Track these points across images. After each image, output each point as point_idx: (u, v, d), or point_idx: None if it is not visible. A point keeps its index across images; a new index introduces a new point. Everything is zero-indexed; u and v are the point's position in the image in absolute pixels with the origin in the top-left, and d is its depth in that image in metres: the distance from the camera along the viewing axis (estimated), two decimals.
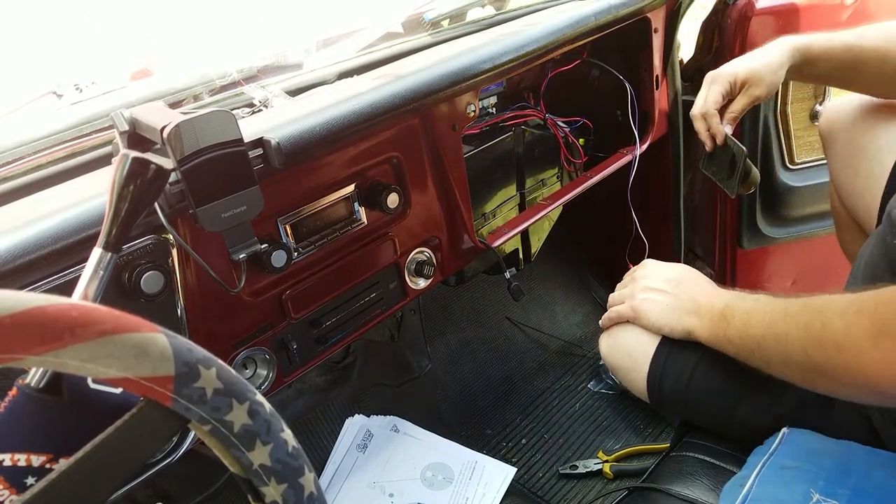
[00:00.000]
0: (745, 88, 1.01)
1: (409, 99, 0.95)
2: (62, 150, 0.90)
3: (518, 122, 1.29)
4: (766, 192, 1.53)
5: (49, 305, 0.35)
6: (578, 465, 1.36)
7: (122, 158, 0.56)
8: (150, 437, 0.40)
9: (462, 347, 1.64)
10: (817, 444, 0.76)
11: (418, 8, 1.34)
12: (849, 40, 0.97)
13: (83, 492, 0.38)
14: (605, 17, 1.22)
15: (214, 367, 0.40)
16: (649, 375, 0.89)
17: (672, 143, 1.52)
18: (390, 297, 1.06)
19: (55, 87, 1.05)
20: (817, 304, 0.66)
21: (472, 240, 1.14)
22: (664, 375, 0.87)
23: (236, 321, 0.87)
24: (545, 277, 1.81)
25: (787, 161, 1.51)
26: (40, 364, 0.35)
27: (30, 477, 0.48)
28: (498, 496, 1.29)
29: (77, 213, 0.68)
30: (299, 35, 1.23)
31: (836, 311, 0.63)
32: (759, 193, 1.53)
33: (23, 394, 0.49)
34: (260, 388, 0.90)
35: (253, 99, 1.04)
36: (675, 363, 0.87)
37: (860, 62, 0.96)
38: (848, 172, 1.00)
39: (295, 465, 0.44)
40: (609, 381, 1.56)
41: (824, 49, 0.98)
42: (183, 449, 0.80)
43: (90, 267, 0.58)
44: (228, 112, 0.71)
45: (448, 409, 1.53)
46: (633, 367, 0.91)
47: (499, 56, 1.06)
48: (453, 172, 1.07)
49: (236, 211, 0.74)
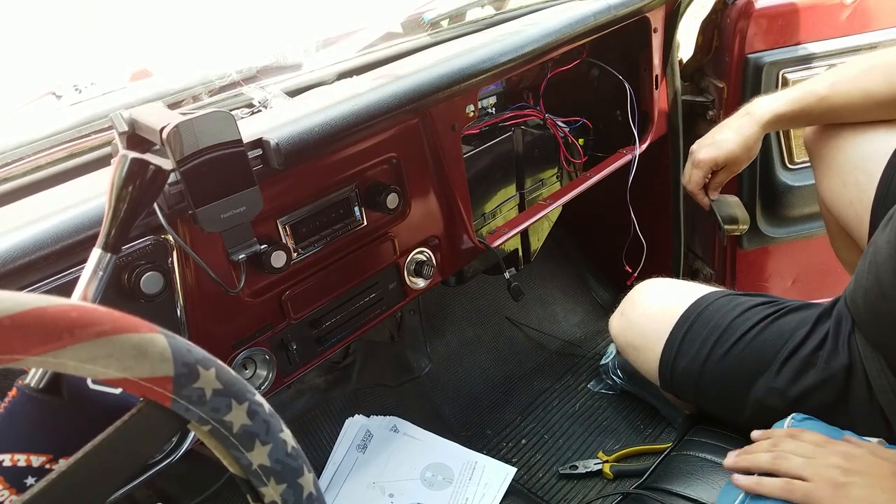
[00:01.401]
0: (726, 167, 1.09)
1: (409, 99, 0.95)
2: (61, 150, 0.90)
3: (517, 123, 1.29)
4: (765, 193, 1.53)
5: (48, 306, 0.35)
6: (578, 466, 1.36)
7: (121, 159, 0.57)
8: (149, 438, 0.40)
9: (462, 348, 1.64)
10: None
11: (418, 8, 1.34)
12: (820, 90, 0.98)
13: (82, 492, 0.38)
14: (604, 16, 1.22)
15: (213, 368, 0.40)
16: (663, 354, 0.91)
17: (671, 143, 1.52)
18: (390, 297, 1.06)
19: (54, 88, 1.05)
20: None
21: (471, 240, 1.14)
22: (680, 354, 0.89)
23: (236, 322, 0.87)
24: (545, 277, 1.81)
25: (787, 161, 1.51)
26: (39, 364, 0.35)
27: (30, 477, 0.48)
28: (498, 496, 1.29)
29: (76, 214, 0.68)
30: (299, 35, 1.23)
31: None
32: (759, 193, 1.53)
33: (23, 394, 0.50)
34: (260, 389, 0.90)
35: (252, 99, 1.04)
36: (691, 344, 0.89)
37: (835, 111, 0.99)
38: (835, 182, 1.02)
39: (294, 466, 0.44)
40: (609, 381, 1.56)
41: (797, 110, 1.02)
42: (183, 449, 0.80)
43: (89, 267, 0.58)
44: (227, 113, 0.72)
45: (448, 410, 1.53)
46: (646, 346, 0.93)
47: (498, 56, 1.06)
48: (453, 173, 1.07)
49: (235, 211, 0.74)
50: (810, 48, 1.43)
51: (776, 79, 1.45)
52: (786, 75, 1.44)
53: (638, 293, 1.00)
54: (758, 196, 1.54)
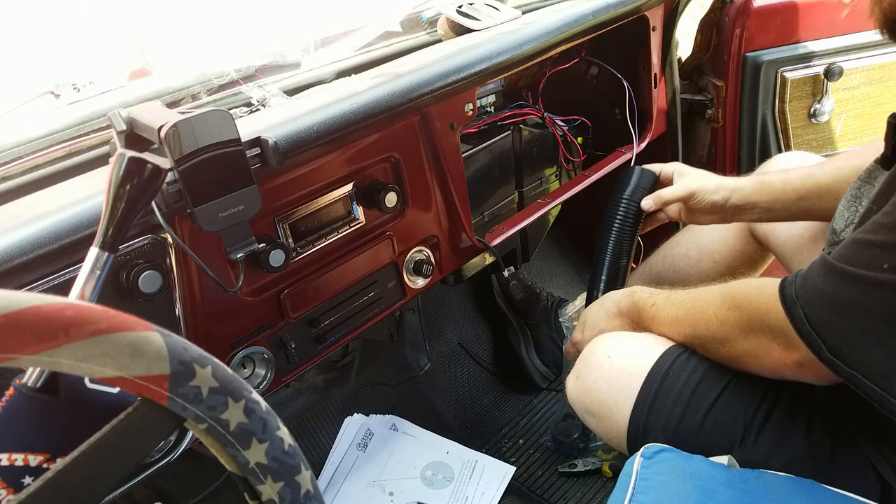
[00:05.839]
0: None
1: (407, 98, 0.95)
2: (60, 149, 0.90)
3: (516, 121, 1.29)
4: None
5: (43, 305, 0.35)
6: (577, 464, 1.35)
7: (119, 158, 0.56)
8: (145, 437, 0.40)
9: (461, 346, 1.64)
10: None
11: (416, 7, 1.34)
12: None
13: (79, 491, 0.38)
14: (602, 15, 1.22)
15: (210, 366, 0.40)
16: (630, 430, 0.86)
17: (670, 141, 1.52)
18: (389, 296, 1.06)
19: (53, 87, 1.05)
20: (697, 305, 0.84)
21: (470, 239, 1.14)
22: (648, 429, 0.84)
23: (234, 321, 0.87)
24: (544, 276, 1.81)
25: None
26: (35, 363, 0.35)
27: (27, 476, 0.48)
28: (497, 495, 1.29)
29: (74, 213, 0.68)
30: (297, 34, 1.23)
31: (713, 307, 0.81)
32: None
33: (20, 393, 0.50)
34: (258, 388, 0.90)
35: (251, 98, 1.04)
36: (657, 416, 0.84)
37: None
38: (794, 225, 1.09)
39: (291, 464, 0.44)
40: None
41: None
42: (181, 448, 0.80)
43: (87, 266, 0.58)
44: (226, 112, 0.72)
45: (447, 408, 1.53)
46: (607, 415, 0.89)
47: (496, 55, 1.06)
48: (452, 171, 1.07)
49: (234, 210, 0.74)
50: (809, 46, 1.43)
51: (775, 77, 1.45)
52: (784, 74, 1.44)
53: (592, 353, 0.93)
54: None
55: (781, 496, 0.70)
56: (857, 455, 0.76)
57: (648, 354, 0.88)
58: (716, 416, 0.82)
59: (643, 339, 0.91)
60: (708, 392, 0.83)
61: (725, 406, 0.82)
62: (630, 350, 0.90)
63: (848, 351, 0.64)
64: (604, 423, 0.90)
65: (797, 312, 0.67)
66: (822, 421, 0.79)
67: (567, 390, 0.97)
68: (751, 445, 0.79)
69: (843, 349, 0.65)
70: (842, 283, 0.64)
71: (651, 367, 0.86)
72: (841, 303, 0.65)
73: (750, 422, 0.80)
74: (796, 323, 0.67)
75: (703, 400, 0.82)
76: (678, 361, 0.86)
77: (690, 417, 0.82)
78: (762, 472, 0.74)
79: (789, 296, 0.69)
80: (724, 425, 0.81)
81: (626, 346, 0.91)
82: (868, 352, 0.64)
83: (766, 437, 0.79)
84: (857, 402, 0.70)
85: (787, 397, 0.81)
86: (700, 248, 1.26)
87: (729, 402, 0.82)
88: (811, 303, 0.67)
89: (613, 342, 0.93)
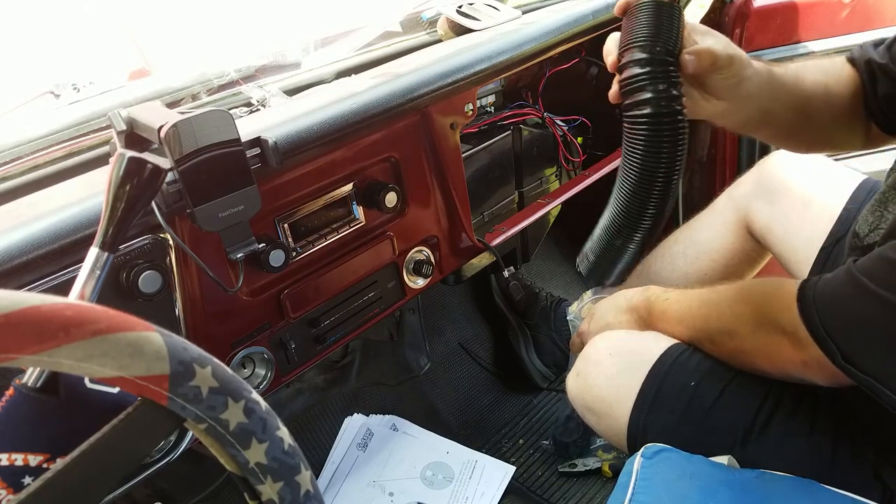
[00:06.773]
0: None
1: (407, 98, 0.95)
2: (60, 149, 0.90)
3: (516, 121, 1.29)
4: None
5: (43, 305, 0.35)
6: (577, 464, 1.35)
7: (119, 158, 0.56)
8: (145, 437, 0.40)
9: (461, 346, 1.64)
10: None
11: (416, 7, 1.34)
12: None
13: (79, 491, 0.38)
14: (602, 15, 1.22)
15: (210, 366, 0.40)
16: (630, 427, 0.86)
17: None
18: (389, 296, 1.06)
19: (53, 87, 1.05)
20: (713, 297, 0.83)
21: (470, 239, 1.14)
22: (648, 429, 0.84)
23: (234, 321, 0.87)
24: (544, 276, 1.81)
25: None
26: (35, 363, 0.35)
27: (27, 477, 0.48)
28: (497, 495, 1.29)
29: (74, 213, 0.68)
30: (297, 34, 1.23)
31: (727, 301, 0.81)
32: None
33: (20, 393, 0.50)
34: (258, 388, 0.90)
35: (251, 98, 1.04)
36: (658, 415, 0.84)
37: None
38: (791, 223, 1.07)
39: (291, 464, 0.44)
40: None
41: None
42: (182, 448, 0.80)
43: (87, 266, 0.58)
44: (226, 112, 0.72)
45: (447, 408, 1.53)
46: (608, 413, 0.88)
47: (496, 55, 1.06)
48: (451, 171, 1.07)
49: (234, 210, 0.74)
50: (809, 46, 1.43)
51: None
52: None
53: (593, 350, 0.93)
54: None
55: (782, 496, 0.70)
56: (860, 459, 0.76)
57: (650, 353, 0.87)
58: (716, 416, 0.81)
59: (645, 338, 0.91)
60: (709, 391, 0.82)
61: (726, 406, 0.81)
62: (631, 348, 0.90)
63: (863, 359, 0.64)
64: (604, 420, 0.90)
65: (813, 316, 0.67)
66: (825, 424, 0.78)
67: (567, 387, 0.96)
68: (752, 446, 0.79)
69: (858, 357, 0.64)
70: (860, 296, 0.64)
71: (652, 365, 0.86)
72: (858, 316, 0.65)
73: (751, 422, 0.79)
74: (811, 326, 0.67)
75: (703, 399, 0.82)
76: (679, 360, 0.86)
77: (691, 416, 0.82)
78: (763, 473, 0.74)
79: (808, 298, 0.68)
80: (725, 425, 0.81)
81: (628, 345, 0.91)
82: (884, 361, 0.64)
83: (768, 438, 0.79)
84: (868, 406, 0.70)
85: (790, 398, 0.80)
86: (698, 247, 1.25)
87: (730, 402, 0.81)
88: (828, 309, 0.66)
89: (615, 340, 0.93)
